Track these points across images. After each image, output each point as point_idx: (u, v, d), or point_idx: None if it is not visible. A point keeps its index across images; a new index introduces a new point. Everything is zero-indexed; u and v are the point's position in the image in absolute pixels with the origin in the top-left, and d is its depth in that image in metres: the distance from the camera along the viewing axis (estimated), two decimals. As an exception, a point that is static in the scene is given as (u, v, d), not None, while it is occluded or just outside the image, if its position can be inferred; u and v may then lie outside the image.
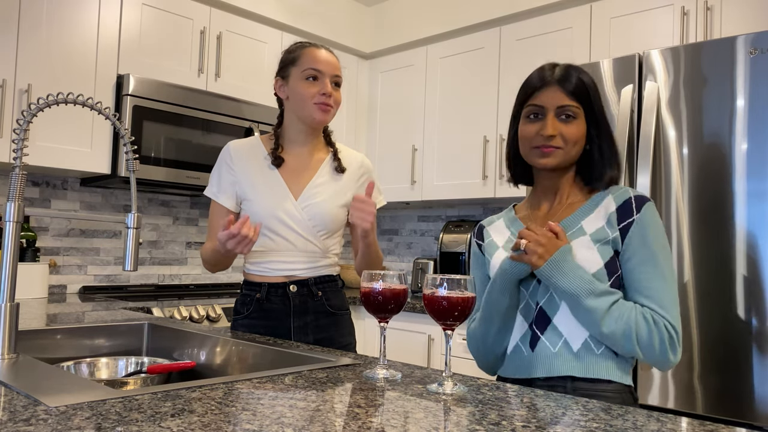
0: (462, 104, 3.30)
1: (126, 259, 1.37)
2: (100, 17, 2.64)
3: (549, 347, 1.24)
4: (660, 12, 2.60)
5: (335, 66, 1.71)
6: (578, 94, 1.28)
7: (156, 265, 3.17)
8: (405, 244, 3.94)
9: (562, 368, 1.22)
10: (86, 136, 2.59)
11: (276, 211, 1.68)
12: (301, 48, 1.72)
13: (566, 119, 1.27)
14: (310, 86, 1.68)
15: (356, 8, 3.74)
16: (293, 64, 1.70)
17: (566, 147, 1.27)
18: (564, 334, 1.23)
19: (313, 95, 1.67)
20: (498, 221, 1.44)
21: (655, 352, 1.18)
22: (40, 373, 1.08)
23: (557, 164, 1.29)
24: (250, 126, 3.02)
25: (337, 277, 1.80)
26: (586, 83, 1.28)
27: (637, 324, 1.17)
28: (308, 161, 1.75)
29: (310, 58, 1.69)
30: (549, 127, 1.26)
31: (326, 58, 1.70)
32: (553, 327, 1.25)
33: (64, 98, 1.27)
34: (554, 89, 1.28)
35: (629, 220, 1.23)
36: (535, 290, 1.29)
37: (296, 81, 1.69)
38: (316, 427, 0.81)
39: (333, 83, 1.70)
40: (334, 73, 1.70)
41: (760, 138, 1.92)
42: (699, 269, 2.00)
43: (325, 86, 1.68)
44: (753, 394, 1.87)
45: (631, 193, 1.26)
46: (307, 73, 1.68)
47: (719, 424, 0.88)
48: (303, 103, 1.68)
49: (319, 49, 1.72)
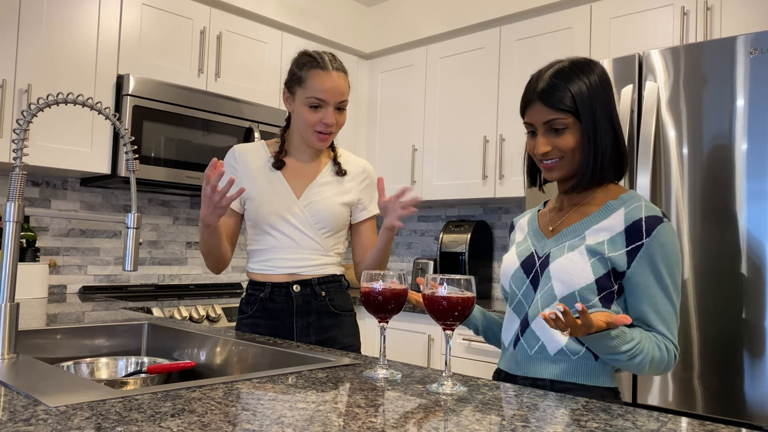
0: (462, 104, 3.30)
1: (126, 259, 1.37)
2: (100, 17, 2.64)
3: (526, 349, 1.28)
4: (660, 12, 2.60)
5: (341, 92, 1.67)
6: (563, 107, 1.23)
7: (156, 265, 3.17)
8: (405, 244, 3.94)
9: (538, 370, 1.26)
10: (86, 136, 2.59)
11: (278, 209, 1.69)
12: (310, 68, 1.66)
13: (556, 132, 1.25)
14: (312, 114, 1.66)
15: (356, 8, 3.74)
16: (299, 85, 1.68)
17: (567, 156, 1.25)
18: (541, 338, 1.26)
19: (314, 123, 1.66)
20: (525, 217, 1.47)
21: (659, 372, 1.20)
22: (40, 373, 1.08)
23: (563, 175, 1.28)
24: (250, 126, 3.02)
25: (342, 277, 1.79)
26: (574, 94, 1.23)
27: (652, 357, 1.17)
28: (310, 164, 1.78)
29: (316, 84, 1.65)
30: (540, 146, 1.26)
31: (333, 86, 1.65)
32: (531, 331, 1.27)
33: (64, 98, 1.27)
34: (538, 106, 1.25)
35: (638, 243, 1.20)
36: (528, 290, 1.30)
37: (300, 104, 1.68)
38: (316, 427, 0.81)
39: (337, 108, 1.68)
40: (339, 100, 1.67)
41: (760, 138, 1.92)
42: (699, 269, 2.00)
43: (328, 116, 1.66)
44: (753, 394, 1.87)
45: (642, 213, 1.21)
46: (311, 101, 1.65)
47: (719, 424, 0.88)
48: (304, 128, 1.69)
49: (327, 74, 1.65)
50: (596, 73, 1.27)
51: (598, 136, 1.24)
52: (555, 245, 1.29)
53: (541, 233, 1.35)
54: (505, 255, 1.41)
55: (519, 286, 1.32)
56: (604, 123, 1.25)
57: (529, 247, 1.34)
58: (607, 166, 1.26)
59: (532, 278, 1.29)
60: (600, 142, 1.24)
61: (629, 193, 1.28)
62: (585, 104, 1.23)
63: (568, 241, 1.27)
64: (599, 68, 1.28)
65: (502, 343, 1.38)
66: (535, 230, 1.37)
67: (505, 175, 3.06)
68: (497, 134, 3.11)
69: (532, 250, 1.33)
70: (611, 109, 1.27)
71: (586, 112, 1.23)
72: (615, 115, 1.28)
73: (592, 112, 1.24)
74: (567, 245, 1.26)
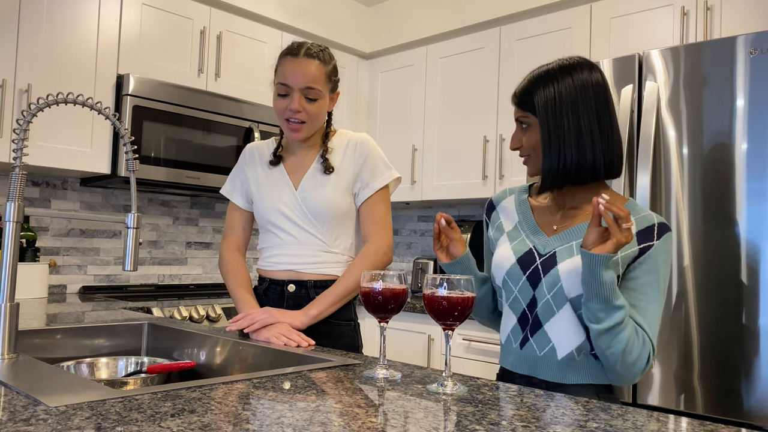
0: (462, 104, 3.30)
1: (126, 259, 1.37)
2: (100, 17, 2.64)
3: (536, 350, 1.29)
4: (660, 12, 2.60)
5: (307, 77, 1.58)
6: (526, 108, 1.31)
7: (156, 265, 3.17)
8: (405, 244, 3.94)
9: (543, 372, 1.27)
10: (86, 136, 2.59)
11: (277, 204, 1.67)
12: (282, 56, 1.63)
13: (524, 130, 1.33)
14: (279, 101, 1.62)
15: (356, 8, 3.74)
16: (275, 74, 1.64)
17: (533, 154, 1.32)
18: (552, 340, 1.26)
19: (281, 111, 1.62)
20: (509, 199, 1.46)
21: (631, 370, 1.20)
22: (40, 373, 1.08)
23: (533, 172, 1.34)
24: (250, 126, 3.02)
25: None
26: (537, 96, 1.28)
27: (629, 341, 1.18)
28: (307, 153, 1.72)
29: (282, 70, 1.60)
30: (512, 141, 1.36)
31: (295, 70, 1.58)
32: (543, 332, 1.28)
33: (64, 98, 1.27)
34: (514, 102, 1.35)
35: (648, 243, 1.23)
36: (524, 287, 1.30)
37: (274, 95, 1.64)
38: (316, 427, 0.81)
39: (306, 96, 1.59)
40: (305, 86, 1.58)
41: (760, 138, 1.92)
42: (699, 269, 2.00)
43: (292, 102, 1.58)
44: (753, 394, 1.87)
45: (655, 220, 1.25)
46: (278, 88, 1.61)
47: (719, 424, 0.88)
48: (278, 119, 1.65)
49: (294, 60, 1.59)
50: (582, 76, 1.27)
51: (560, 139, 1.25)
52: (560, 244, 1.29)
53: (540, 230, 1.35)
54: (497, 248, 1.39)
55: (515, 282, 1.32)
56: (572, 127, 1.25)
57: (526, 243, 1.34)
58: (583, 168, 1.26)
59: (530, 276, 1.29)
60: (563, 144, 1.25)
61: (630, 202, 1.30)
62: (547, 107, 1.27)
63: (575, 241, 1.27)
64: (588, 71, 1.28)
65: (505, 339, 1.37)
66: (531, 225, 1.37)
67: (505, 175, 3.06)
68: (497, 134, 3.11)
69: (530, 246, 1.32)
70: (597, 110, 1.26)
71: (544, 115, 1.27)
72: (603, 117, 1.26)
73: (556, 116, 1.26)
74: (575, 245, 1.27)
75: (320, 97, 1.61)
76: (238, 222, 1.78)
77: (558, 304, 1.25)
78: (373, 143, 1.71)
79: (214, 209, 3.41)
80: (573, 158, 1.25)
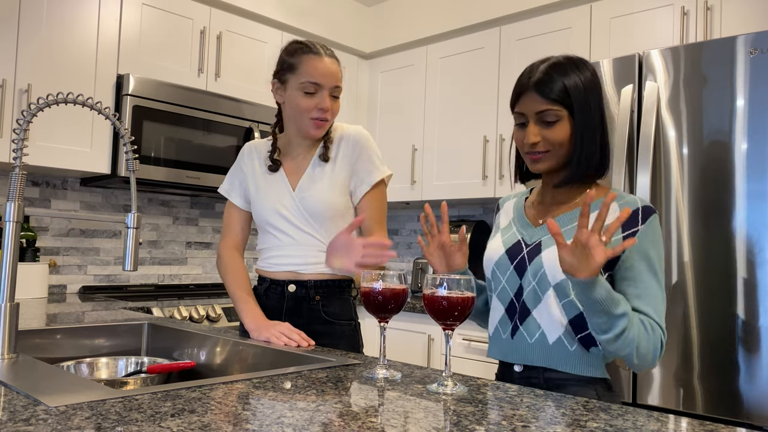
0: (462, 104, 3.30)
1: (126, 259, 1.37)
2: (100, 17, 2.64)
3: (526, 337, 1.29)
4: (660, 12, 2.60)
5: (336, 77, 1.62)
6: (558, 98, 1.24)
7: (156, 265, 3.17)
8: (405, 244, 3.94)
9: (537, 359, 1.28)
10: (86, 136, 2.59)
11: (276, 206, 1.67)
12: (302, 54, 1.61)
13: (548, 124, 1.26)
14: (307, 99, 1.60)
15: (356, 8, 3.74)
16: (292, 72, 1.62)
17: (553, 150, 1.27)
18: (541, 326, 1.27)
19: (309, 110, 1.60)
20: (511, 201, 1.48)
21: (647, 360, 1.20)
22: (40, 373, 1.08)
23: (548, 168, 1.30)
24: (250, 126, 3.02)
25: (345, 284, 1.70)
26: (568, 86, 1.24)
27: (639, 337, 1.17)
28: (305, 153, 1.71)
29: (310, 69, 1.59)
30: (530, 135, 1.27)
31: (326, 70, 1.60)
32: (532, 319, 1.28)
33: (64, 98, 1.27)
34: (532, 95, 1.26)
35: (633, 229, 1.22)
36: (512, 276, 1.32)
37: (293, 91, 1.61)
38: (316, 427, 0.81)
39: (332, 95, 1.62)
40: (333, 85, 1.61)
41: (760, 138, 1.92)
42: (699, 269, 2.00)
43: (323, 101, 1.60)
44: (753, 395, 1.87)
45: (639, 204, 1.24)
46: (305, 86, 1.59)
47: (719, 424, 0.88)
48: (299, 116, 1.62)
49: (320, 58, 1.61)
50: (589, 70, 1.29)
51: (589, 133, 1.26)
52: (546, 234, 1.30)
53: (529, 223, 1.36)
54: (489, 241, 1.42)
55: (503, 272, 1.34)
56: (595, 120, 1.27)
57: (515, 235, 1.36)
58: (595, 163, 1.28)
59: (517, 265, 1.31)
60: (590, 138, 1.26)
61: (617, 192, 1.31)
62: (580, 98, 1.25)
63: (561, 229, 1.27)
64: (591, 67, 1.31)
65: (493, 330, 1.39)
66: (522, 220, 1.39)
67: (505, 175, 3.06)
68: (497, 134, 3.11)
69: (519, 238, 1.35)
70: (602, 108, 1.29)
71: (579, 107, 1.25)
72: (604, 115, 1.30)
73: (587, 108, 1.25)
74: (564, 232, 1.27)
75: (340, 94, 1.66)
76: (237, 222, 1.77)
77: (543, 289, 1.26)
78: (367, 136, 1.71)
79: (214, 209, 3.41)
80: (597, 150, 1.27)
